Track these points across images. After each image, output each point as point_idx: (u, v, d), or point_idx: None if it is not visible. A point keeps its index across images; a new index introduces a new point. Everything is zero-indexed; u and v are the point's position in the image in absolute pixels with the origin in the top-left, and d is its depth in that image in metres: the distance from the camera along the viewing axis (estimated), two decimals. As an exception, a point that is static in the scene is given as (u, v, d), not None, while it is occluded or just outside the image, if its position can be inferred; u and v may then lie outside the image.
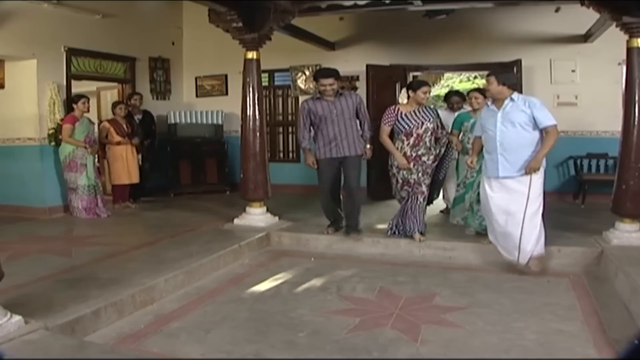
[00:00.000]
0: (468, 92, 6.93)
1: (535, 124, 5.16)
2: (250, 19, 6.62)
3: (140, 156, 8.94)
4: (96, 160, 8.27)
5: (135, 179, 8.76)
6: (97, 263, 5.38)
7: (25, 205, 8.18)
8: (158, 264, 5.30)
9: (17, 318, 3.58)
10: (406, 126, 6.07)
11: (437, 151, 6.25)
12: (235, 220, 7.00)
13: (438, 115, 6.32)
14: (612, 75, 8.36)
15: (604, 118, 8.30)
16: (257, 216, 7.00)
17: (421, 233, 6.22)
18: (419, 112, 6.11)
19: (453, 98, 7.87)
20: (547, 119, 5.14)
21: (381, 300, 4.75)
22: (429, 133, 6.12)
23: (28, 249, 5.96)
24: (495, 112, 5.34)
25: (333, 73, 6.15)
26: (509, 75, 5.58)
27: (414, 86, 6.14)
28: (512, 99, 5.25)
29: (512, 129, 5.20)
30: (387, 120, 6.16)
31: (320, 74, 6.20)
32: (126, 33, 9.56)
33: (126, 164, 8.59)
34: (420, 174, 6.09)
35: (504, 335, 3.92)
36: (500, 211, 5.28)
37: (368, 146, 6.41)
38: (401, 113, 6.10)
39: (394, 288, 5.04)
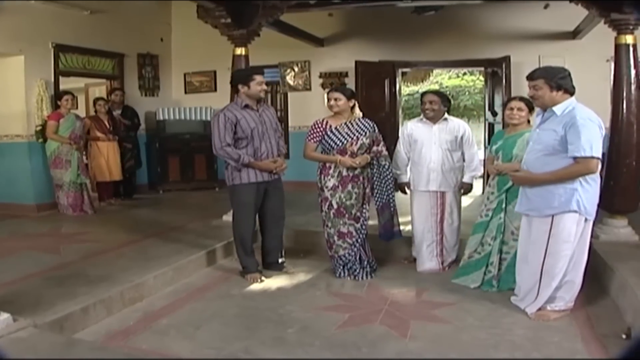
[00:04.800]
0: (507, 101, 5.09)
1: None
2: (239, 15, 6.60)
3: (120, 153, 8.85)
4: (84, 157, 8.20)
5: (116, 176, 8.70)
6: (86, 260, 5.36)
7: (14, 202, 8.12)
8: (147, 260, 5.28)
9: (5, 316, 3.56)
10: (338, 142, 5.12)
11: (377, 175, 5.26)
12: (224, 217, 6.97)
13: (375, 129, 5.31)
14: (601, 72, 8.37)
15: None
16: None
17: (373, 270, 5.36)
18: (353, 124, 5.18)
19: (426, 96, 5.52)
20: (580, 148, 3.76)
21: (370, 296, 4.76)
22: (365, 150, 5.16)
23: (16, 247, 5.92)
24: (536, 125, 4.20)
25: (262, 71, 5.32)
26: (563, 72, 4.05)
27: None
28: (552, 111, 4.00)
29: (534, 153, 4.08)
30: (313, 136, 5.20)
31: (256, 71, 5.31)
32: (114, 29, 9.50)
33: (107, 161, 8.53)
34: (361, 198, 5.21)
35: (493, 331, 3.94)
36: (521, 253, 4.31)
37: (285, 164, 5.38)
38: (330, 127, 5.17)
39: (383, 284, 5.06)
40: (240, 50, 6.77)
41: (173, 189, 10.15)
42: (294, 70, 10.39)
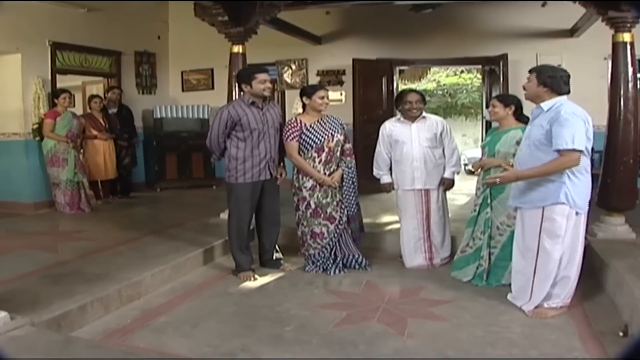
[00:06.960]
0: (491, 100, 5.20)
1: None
2: (236, 13, 6.58)
3: (117, 151, 8.86)
4: (80, 155, 8.17)
5: (111, 174, 8.71)
6: (83, 258, 5.35)
7: (11, 200, 8.11)
8: (144, 258, 5.27)
9: (2, 314, 3.55)
10: (316, 140, 5.22)
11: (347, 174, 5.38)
12: (222, 215, 6.96)
13: (344, 126, 5.49)
14: (598, 69, 8.37)
15: (589, 112, 8.10)
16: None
17: (360, 265, 5.44)
18: (325, 122, 5.31)
19: (410, 96, 5.45)
20: (563, 140, 3.83)
21: (367, 294, 4.77)
22: (340, 146, 5.34)
23: (14, 245, 5.90)
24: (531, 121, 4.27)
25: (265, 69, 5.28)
26: (556, 73, 4.10)
27: (308, 92, 5.30)
28: (540, 108, 4.08)
29: (526, 148, 4.14)
30: (292, 135, 5.24)
31: (258, 69, 5.24)
32: (111, 27, 9.48)
33: (103, 160, 8.52)
34: (337, 195, 5.35)
35: (490, 328, 3.95)
36: (516, 249, 4.32)
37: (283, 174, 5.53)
38: (305, 125, 5.25)
39: (380, 282, 5.06)
40: (237, 48, 6.76)
41: (170, 187, 10.13)
42: (291, 68, 10.38)
